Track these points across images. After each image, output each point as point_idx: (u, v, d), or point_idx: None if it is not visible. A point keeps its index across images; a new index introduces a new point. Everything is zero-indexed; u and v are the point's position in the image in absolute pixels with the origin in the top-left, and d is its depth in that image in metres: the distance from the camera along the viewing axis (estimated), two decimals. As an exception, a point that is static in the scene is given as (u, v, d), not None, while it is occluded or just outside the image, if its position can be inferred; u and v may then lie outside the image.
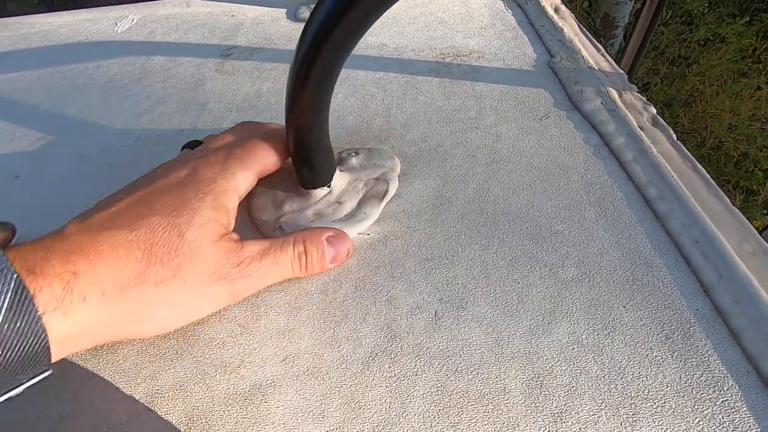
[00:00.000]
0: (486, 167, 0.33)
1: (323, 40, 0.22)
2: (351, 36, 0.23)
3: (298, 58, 0.24)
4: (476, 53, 0.45)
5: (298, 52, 0.24)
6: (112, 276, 0.21)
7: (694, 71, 2.28)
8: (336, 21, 0.21)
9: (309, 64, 0.23)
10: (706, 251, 0.25)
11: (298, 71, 0.24)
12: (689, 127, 2.11)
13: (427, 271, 0.27)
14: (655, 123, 0.34)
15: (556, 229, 0.29)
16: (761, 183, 1.90)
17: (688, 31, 2.41)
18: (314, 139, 0.27)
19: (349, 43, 0.23)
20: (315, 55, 0.23)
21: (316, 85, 0.24)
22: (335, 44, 0.22)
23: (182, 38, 0.54)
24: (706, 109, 2.15)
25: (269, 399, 0.23)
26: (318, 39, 0.22)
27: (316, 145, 0.28)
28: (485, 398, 0.22)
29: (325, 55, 0.23)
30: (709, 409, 0.21)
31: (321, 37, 0.22)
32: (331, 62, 0.23)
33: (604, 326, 0.24)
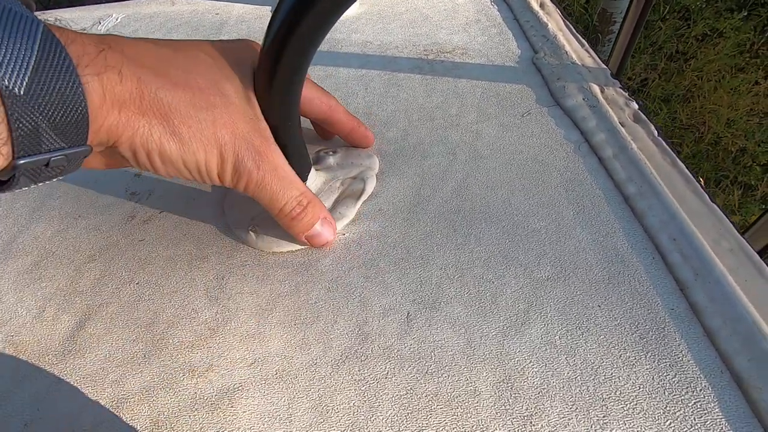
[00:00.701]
0: (465, 165, 0.33)
1: (286, 38, 0.22)
2: (315, 33, 0.22)
3: (262, 57, 0.23)
4: (460, 49, 0.45)
5: (261, 51, 0.23)
6: (150, 70, 0.20)
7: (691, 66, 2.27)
8: (298, 17, 0.21)
9: (273, 63, 0.23)
10: (683, 249, 0.25)
11: (263, 69, 0.23)
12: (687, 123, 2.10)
13: (401, 272, 0.27)
14: (637, 119, 0.34)
15: (533, 228, 0.28)
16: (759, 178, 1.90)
17: (686, 26, 2.40)
18: (285, 139, 0.27)
19: (313, 41, 0.22)
20: (279, 53, 0.22)
21: (282, 83, 0.24)
22: (298, 42, 0.22)
23: (165, 37, 0.53)
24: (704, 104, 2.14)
25: (236, 404, 0.22)
26: (280, 37, 0.22)
27: (287, 145, 0.27)
28: (455, 401, 0.21)
29: (289, 53, 0.22)
30: (680, 411, 0.20)
31: (283, 35, 0.22)
32: (296, 60, 0.23)
33: (577, 326, 0.23)
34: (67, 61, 0.17)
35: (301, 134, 0.28)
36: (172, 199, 0.33)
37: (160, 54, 0.21)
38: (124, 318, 0.26)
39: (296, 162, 0.29)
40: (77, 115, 0.17)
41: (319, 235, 0.27)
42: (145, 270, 0.29)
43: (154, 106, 0.20)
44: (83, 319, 0.26)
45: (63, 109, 0.17)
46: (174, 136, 0.21)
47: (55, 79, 0.16)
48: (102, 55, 0.18)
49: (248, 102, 0.24)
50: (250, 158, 0.23)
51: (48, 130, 0.17)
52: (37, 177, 0.18)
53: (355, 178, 0.32)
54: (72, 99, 0.17)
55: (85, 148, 0.19)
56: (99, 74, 0.18)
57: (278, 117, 0.26)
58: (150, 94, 0.20)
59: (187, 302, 0.27)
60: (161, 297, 0.27)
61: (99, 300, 0.27)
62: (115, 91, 0.19)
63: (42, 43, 0.16)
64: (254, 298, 0.26)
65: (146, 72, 0.20)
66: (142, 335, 0.25)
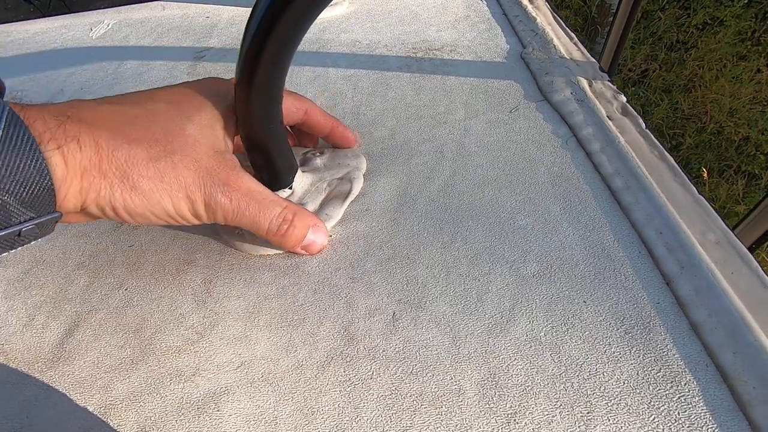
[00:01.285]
0: (452, 163, 0.33)
1: (263, 40, 0.22)
2: (292, 34, 0.22)
3: (242, 58, 0.23)
4: (449, 46, 0.45)
5: (241, 51, 0.23)
6: (107, 132, 0.20)
7: (692, 56, 2.25)
8: (275, 18, 0.21)
9: (252, 66, 0.23)
10: (669, 242, 0.25)
11: (242, 73, 0.23)
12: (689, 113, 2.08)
13: (387, 272, 0.27)
14: (625, 112, 0.33)
15: (519, 224, 0.28)
16: (764, 167, 1.88)
17: (686, 15, 2.38)
18: (269, 142, 0.27)
19: (290, 43, 0.22)
20: (257, 56, 0.22)
21: (262, 87, 0.24)
22: (275, 44, 0.22)
23: (156, 42, 0.53)
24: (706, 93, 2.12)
25: (222, 407, 0.22)
26: (257, 40, 0.22)
27: (272, 148, 0.27)
28: (439, 400, 0.21)
29: (266, 56, 0.22)
30: (665, 406, 0.20)
31: (260, 38, 0.22)
32: (274, 62, 0.23)
33: (563, 323, 0.23)
34: (30, 141, 0.18)
35: (285, 137, 0.28)
36: (160, 205, 0.33)
37: (118, 113, 0.22)
38: (112, 324, 0.26)
39: (282, 165, 0.29)
40: (43, 189, 0.18)
41: (313, 243, 0.28)
42: (134, 275, 0.29)
43: (113, 166, 0.21)
44: (72, 326, 0.26)
45: (29, 185, 0.18)
46: (135, 191, 0.21)
47: (19, 159, 0.17)
48: (62, 128, 0.19)
49: (213, 135, 0.24)
50: (218, 191, 0.23)
51: (16, 205, 0.18)
52: (11, 245, 0.20)
53: (342, 178, 0.32)
54: (37, 175, 0.18)
55: (55, 215, 0.20)
56: (60, 147, 0.19)
57: (260, 121, 0.26)
58: (108, 155, 0.21)
59: (174, 307, 0.27)
60: (149, 302, 0.27)
61: (88, 306, 0.27)
62: (76, 160, 0.20)
63: (6, 125, 0.17)
64: (241, 302, 0.27)
65: (104, 134, 0.21)
66: (130, 341, 0.25)
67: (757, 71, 2.15)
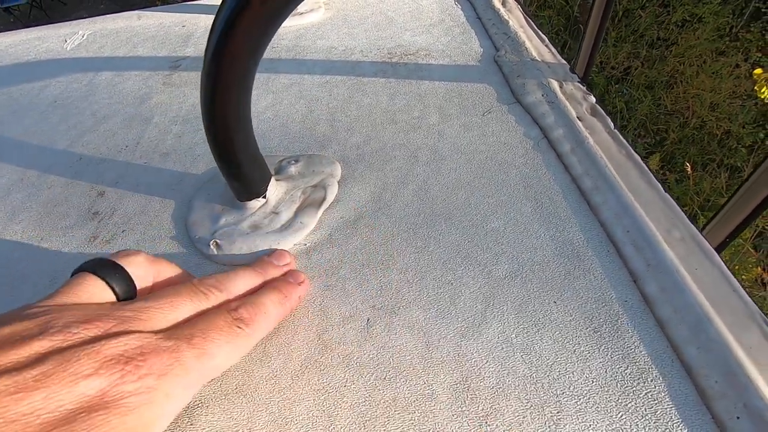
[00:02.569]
0: (426, 167, 0.33)
1: (225, 46, 0.22)
2: (255, 40, 0.22)
3: (205, 67, 0.23)
4: (423, 51, 0.45)
5: (204, 60, 0.23)
6: None
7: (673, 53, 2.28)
8: (235, 23, 0.21)
9: (216, 70, 0.23)
10: (636, 240, 0.25)
11: (208, 76, 0.23)
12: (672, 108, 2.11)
13: (361, 278, 0.27)
14: (594, 112, 0.34)
15: (492, 227, 0.28)
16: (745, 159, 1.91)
17: (666, 13, 2.42)
18: (238, 150, 0.27)
19: (255, 48, 0.22)
20: (220, 60, 0.22)
21: (228, 92, 0.24)
22: (238, 50, 0.22)
23: (131, 52, 0.53)
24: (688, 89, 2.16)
25: (196, 421, 0.22)
26: (220, 45, 0.22)
27: (241, 156, 0.27)
28: (412, 405, 0.22)
29: (231, 61, 0.22)
30: (632, 402, 0.20)
31: (223, 43, 0.22)
32: (239, 66, 0.23)
33: (533, 323, 0.24)
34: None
35: (255, 144, 0.28)
36: (134, 217, 0.33)
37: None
38: (84, 340, 0.26)
39: (254, 174, 0.29)
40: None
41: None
42: (107, 290, 0.28)
43: None
44: (44, 344, 0.26)
45: None
46: None
47: None
48: None
49: None
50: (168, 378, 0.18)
51: None
52: None
53: (316, 186, 0.32)
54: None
55: None
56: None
57: (229, 128, 0.25)
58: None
59: (148, 320, 0.26)
60: (123, 317, 0.27)
61: (60, 323, 0.27)
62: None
63: None
64: (215, 313, 0.26)
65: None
66: (102, 356, 0.25)
67: (736, 66, 2.19)
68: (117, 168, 0.37)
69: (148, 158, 0.38)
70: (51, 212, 0.34)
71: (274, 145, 0.37)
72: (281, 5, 0.21)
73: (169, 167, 0.37)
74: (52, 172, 0.38)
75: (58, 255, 0.31)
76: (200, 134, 0.39)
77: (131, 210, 0.33)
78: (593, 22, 0.59)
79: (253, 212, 0.30)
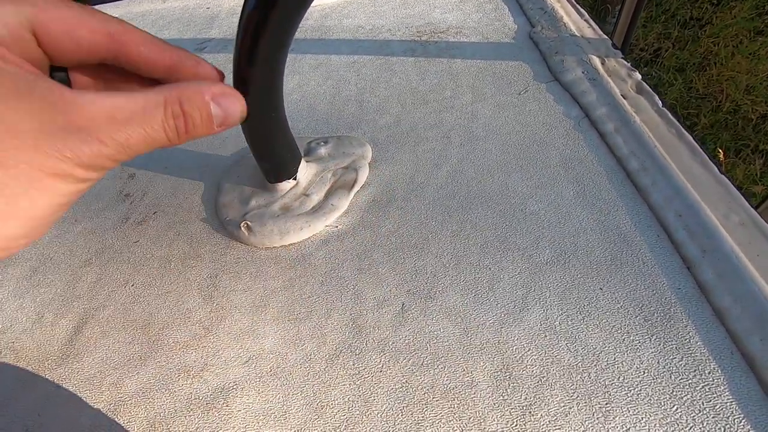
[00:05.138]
0: (460, 149, 0.32)
1: (259, 28, 0.21)
2: (287, 21, 0.21)
3: (237, 48, 0.22)
4: (454, 28, 0.43)
5: (236, 43, 0.22)
6: None
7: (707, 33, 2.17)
8: (269, 5, 0.20)
9: (249, 55, 0.22)
10: (690, 225, 0.24)
11: (241, 62, 0.23)
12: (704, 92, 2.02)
13: (395, 262, 0.26)
14: (640, 90, 0.32)
15: (531, 210, 0.27)
16: (782, 145, 1.82)
17: (700, -10, 2.30)
18: (271, 132, 0.26)
19: (287, 29, 0.22)
20: (254, 44, 0.22)
21: (261, 77, 0.23)
22: (272, 31, 0.21)
23: (157, 34, 0.52)
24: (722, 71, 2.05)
25: (231, 402, 0.22)
26: (253, 28, 0.21)
27: (274, 138, 0.27)
28: (451, 393, 0.21)
29: (264, 43, 0.21)
30: (688, 395, 0.19)
31: (255, 25, 0.21)
32: (272, 49, 0.22)
33: (578, 311, 0.22)
34: None
35: (287, 126, 0.28)
36: (165, 199, 0.33)
37: None
38: (120, 321, 0.26)
39: (285, 155, 0.29)
40: None
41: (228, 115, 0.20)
42: (140, 272, 0.28)
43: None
44: (81, 324, 0.26)
45: None
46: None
47: None
48: None
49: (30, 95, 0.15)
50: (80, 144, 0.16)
51: None
52: None
53: (347, 167, 0.31)
54: None
55: None
56: None
57: (261, 109, 0.25)
58: None
59: (181, 302, 0.26)
60: (156, 298, 0.27)
61: (96, 303, 0.27)
62: None
63: None
64: (248, 295, 0.26)
65: None
66: (138, 337, 0.25)
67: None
68: (146, 150, 0.37)
69: (176, 141, 0.38)
70: (84, 194, 0.34)
71: (302, 127, 0.36)
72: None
73: (198, 150, 0.36)
74: (83, 155, 0.38)
75: (91, 235, 0.31)
76: (227, 116, 0.39)
77: (162, 192, 0.33)
78: None
79: (284, 194, 0.30)
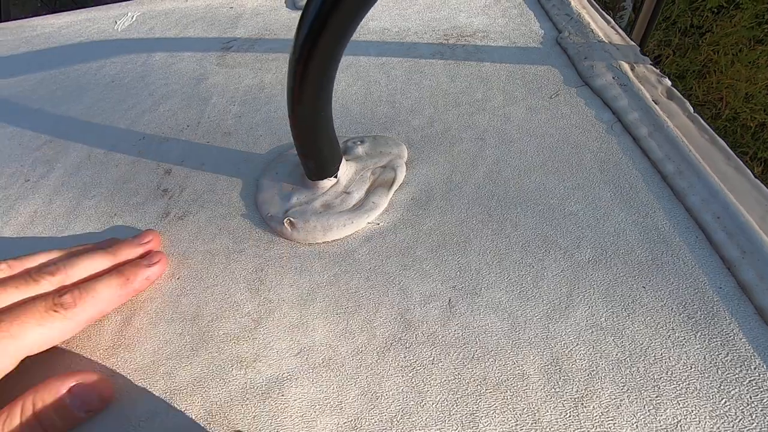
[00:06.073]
0: (495, 150, 0.32)
1: (322, 27, 0.21)
2: (350, 21, 0.22)
3: (296, 48, 0.23)
4: (481, 32, 0.44)
5: (296, 41, 0.23)
6: None
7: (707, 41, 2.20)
8: (333, 6, 0.21)
9: (308, 53, 0.23)
10: (728, 227, 0.25)
11: (298, 61, 0.23)
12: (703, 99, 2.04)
13: (439, 259, 0.27)
14: (671, 96, 0.33)
15: (569, 210, 0.28)
16: (780, 153, 1.85)
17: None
18: (319, 130, 0.27)
19: (348, 30, 0.22)
20: (314, 43, 0.22)
21: (317, 75, 0.24)
22: (334, 31, 0.22)
23: (182, 33, 0.53)
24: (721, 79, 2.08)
25: (286, 392, 0.23)
26: (316, 26, 0.22)
27: (321, 136, 0.27)
28: (503, 385, 0.22)
29: (324, 43, 0.22)
30: (735, 390, 0.20)
31: (319, 24, 0.21)
32: (331, 50, 0.23)
33: (623, 308, 0.23)
34: None
35: (332, 125, 0.28)
36: (204, 195, 0.33)
37: None
38: (169, 313, 0.27)
39: (329, 153, 0.29)
40: None
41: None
42: (185, 265, 0.29)
43: None
44: (129, 315, 0.27)
45: None
46: None
47: None
48: None
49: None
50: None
51: None
52: None
53: (385, 167, 0.32)
54: None
55: None
56: None
57: (312, 109, 0.25)
58: None
59: (228, 295, 0.27)
60: (203, 291, 0.27)
61: (142, 295, 0.28)
62: None
63: None
64: (294, 289, 0.27)
65: None
66: (187, 329, 0.26)
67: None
68: (180, 147, 0.38)
69: (210, 138, 0.38)
70: (121, 189, 0.35)
71: (336, 126, 0.37)
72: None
73: (232, 147, 0.37)
74: (117, 150, 0.39)
75: (133, 230, 0.32)
76: (260, 115, 0.40)
77: (200, 188, 0.34)
78: (648, 4, 0.57)
79: (325, 191, 0.30)
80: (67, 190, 0.35)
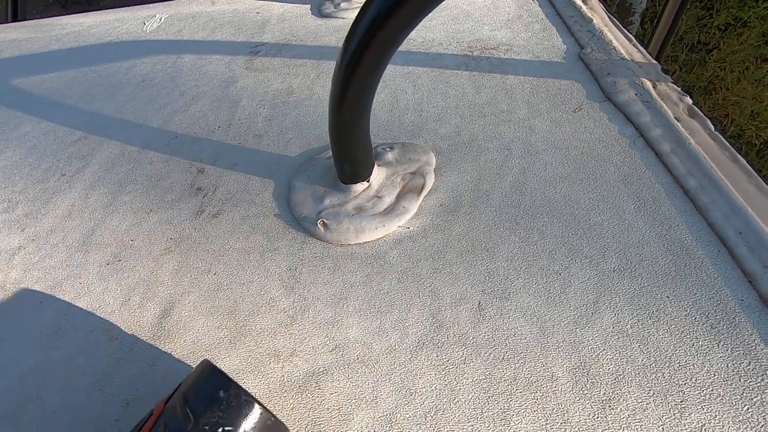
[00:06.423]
0: (521, 160, 0.34)
1: (371, 38, 0.23)
2: (399, 34, 0.23)
3: (345, 57, 0.24)
4: (504, 46, 0.45)
5: (346, 46, 0.24)
6: None
7: (714, 57, 2.22)
8: (385, 19, 0.22)
9: (358, 59, 0.24)
10: (750, 242, 0.26)
11: (345, 70, 0.24)
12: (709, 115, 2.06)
13: (468, 263, 0.28)
14: (692, 114, 0.34)
15: (594, 221, 0.29)
16: (785, 171, 1.86)
17: (708, 16, 2.35)
18: (357, 136, 0.28)
19: (396, 41, 0.23)
20: (362, 53, 0.23)
21: (362, 81, 0.25)
22: (383, 42, 0.23)
23: (210, 36, 0.55)
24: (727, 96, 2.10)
25: (323, 386, 0.24)
26: (366, 38, 0.23)
27: (358, 142, 0.29)
28: (533, 385, 0.23)
29: (372, 53, 0.23)
30: (758, 397, 0.21)
31: (369, 36, 0.23)
32: (378, 60, 0.24)
33: (648, 316, 0.24)
34: None
35: (369, 132, 0.29)
36: (237, 194, 0.34)
37: None
38: (206, 307, 0.28)
39: (364, 159, 0.30)
40: None
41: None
42: (220, 261, 0.30)
43: None
44: (168, 307, 0.28)
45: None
46: None
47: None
48: None
49: None
50: None
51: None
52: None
53: (415, 173, 0.33)
54: None
55: None
56: None
57: (353, 114, 0.27)
58: None
59: (264, 292, 0.28)
60: (239, 287, 0.28)
61: (180, 289, 0.29)
62: None
63: None
64: (328, 288, 0.28)
65: None
66: (225, 323, 0.27)
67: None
68: (212, 147, 0.39)
69: (241, 139, 0.39)
70: (155, 186, 0.36)
71: (365, 132, 0.38)
72: None
73: (263, 148, 0.38)
74: (150, 149, 0.40)
75: (167, 225, 0.33)
76: (289, 118, 0.41)
77: (233, 187, 0.35)
78: (665, 19, 0.58)
79: (357, 195, 0.32)
80: (103, 185, 0.37)
